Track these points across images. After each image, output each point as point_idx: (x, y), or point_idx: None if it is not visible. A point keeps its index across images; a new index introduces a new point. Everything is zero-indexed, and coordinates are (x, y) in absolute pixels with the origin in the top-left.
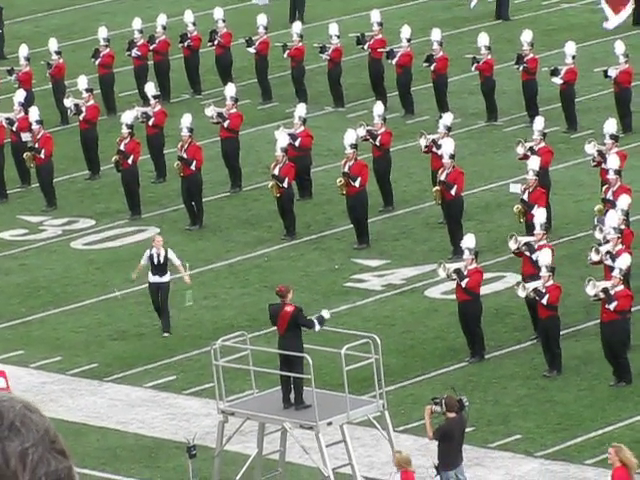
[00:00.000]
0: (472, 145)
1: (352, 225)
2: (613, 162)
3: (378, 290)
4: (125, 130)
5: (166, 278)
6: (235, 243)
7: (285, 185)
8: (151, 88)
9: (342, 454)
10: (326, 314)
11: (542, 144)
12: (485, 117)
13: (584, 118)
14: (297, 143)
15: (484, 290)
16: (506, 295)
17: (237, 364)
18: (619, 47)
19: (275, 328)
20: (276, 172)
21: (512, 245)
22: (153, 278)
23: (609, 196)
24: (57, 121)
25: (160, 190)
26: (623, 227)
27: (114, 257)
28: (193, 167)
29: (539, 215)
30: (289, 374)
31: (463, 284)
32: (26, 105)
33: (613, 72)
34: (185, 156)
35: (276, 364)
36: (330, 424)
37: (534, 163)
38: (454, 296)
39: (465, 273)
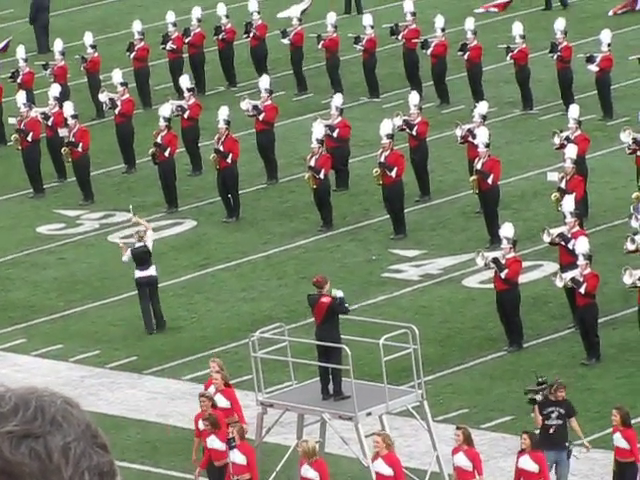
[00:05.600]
0: (508, 134)
1: (389, 216)
2: None
3: (415, 280)
4: (162, 123)
5: (151, 271)
6: (272, 235)
7: (321, 176)
8: (186, 81)
9: None
10: (339, 293)
11: (578, 132)
12: (521, 106)
13: (620, 105)
14: (335, 134)
15: (521, 279)
16: (543, 283)
17: (275, 356)
18: None
19: (312, 319)
20: (312, 163)
21: (546, 238)
22: (138, 273)
23: None
24: (93, 115)
25: (196, 183)
26: None
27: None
28: (229, 160)
29: (568, 203)
30: (327, 365)
31: (502, 275)
32: (61, 99)
33: None
34: (221, 149)
35: (314, 355)
36: (369, 414)
37: (571, 151)
38: (491, 285)
39: (503, 262)
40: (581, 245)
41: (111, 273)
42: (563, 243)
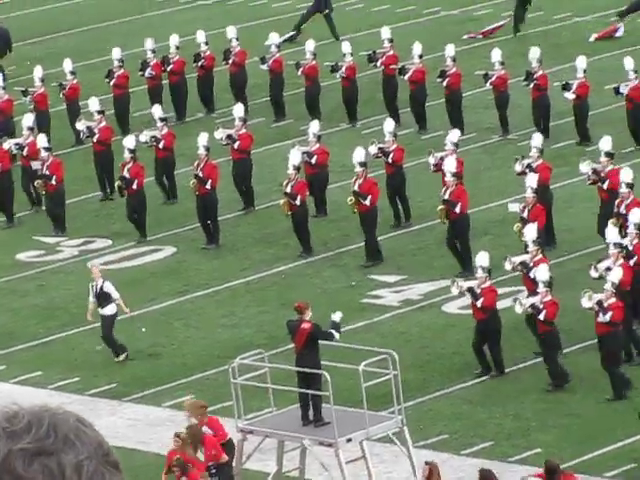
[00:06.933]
0: (487, 160)
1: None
2: (626, 176)
3: (395, 306)
4: (127, 155)
5: (106, 311)
6: (251, 261)
7: (298, 202)
8: (158, 111)
9: (362, 470)
10: (337, 317)
11: (540, 161)
12: (500, 131)
13: (599, 131)
14: (313, 160)
15: (502, 304)
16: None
17: (255, 382)
18: (628, 63)
19: (292, 346)
20: (288, 190)
21: (507, 266)
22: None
23: (622, 210)
24: (72, 142)
25: (176, 209)
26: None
27: (131, 277)
28: (208, 186)
29: (530, 232)
30: (307, 391)
31: (478, 304)
32: (40, 127)
33: (624, 89)
34: (201, 175)
35: (294, 382)
36: (349, 441)
37: (532, 180)
38: (471, 311)
39: (479, 292)
40: (541, 273)
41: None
42: (525, 271)
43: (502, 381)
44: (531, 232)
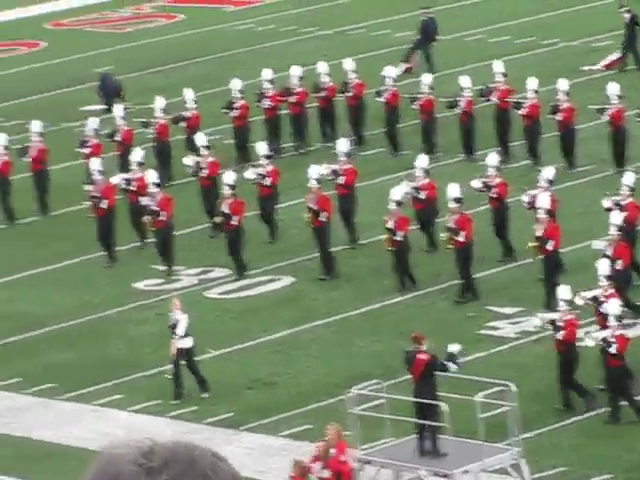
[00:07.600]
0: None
1: (461, 278)
2: None
3: (512, 337)
4: (228, 191)
5: (182, 343)
6: (368, 292)
7: (399, 238)
8: (263, 148)
9: None
10: (454, 348)
11: (630, 199)
12: (614, 164)
13: None
14: (422, 195)
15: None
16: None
17: (372, 412)
18: None
19: (409, 376)
20: (390, 225)
21: (578, 301)
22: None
23: None
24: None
25: (294, 239)
26: None
27: (249, 306)
28: (323, 218)
29: (602, 267)
30: (424, 422)
31: (559, 336)
32: (161, 158)
33: None
34: (314, 207)
35: (411, 412)
36: (466, 472)
37: (616, 218)
38: (587, 343)
39: (561, 324)
40: (613, 307)
41: (208, 329)
42: (596, 306)
43: (620, 413)
44: (604, 267)
